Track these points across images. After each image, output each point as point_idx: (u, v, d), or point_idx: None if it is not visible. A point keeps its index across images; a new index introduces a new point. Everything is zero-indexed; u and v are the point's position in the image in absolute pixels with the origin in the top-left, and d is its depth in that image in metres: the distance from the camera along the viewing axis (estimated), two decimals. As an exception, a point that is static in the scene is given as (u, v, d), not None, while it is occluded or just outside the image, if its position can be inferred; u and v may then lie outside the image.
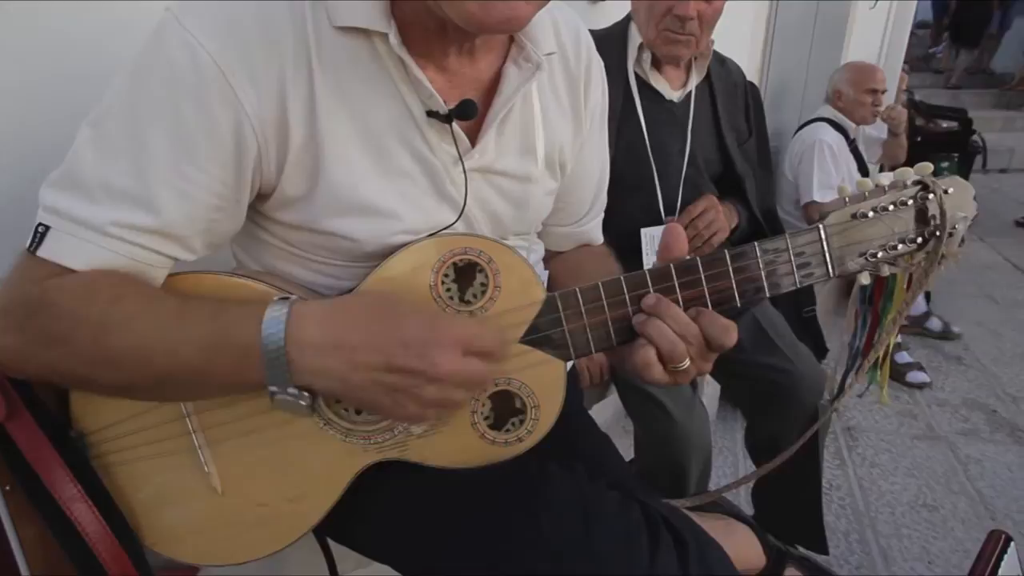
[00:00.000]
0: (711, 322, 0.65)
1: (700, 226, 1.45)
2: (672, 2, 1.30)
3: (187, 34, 0.57)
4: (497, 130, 0.71)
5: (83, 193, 0.59)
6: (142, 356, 0.58)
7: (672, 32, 1.34)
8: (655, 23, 1.34)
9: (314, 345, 0.57)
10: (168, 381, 0.60)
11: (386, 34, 0.61)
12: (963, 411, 2.52)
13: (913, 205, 0.73)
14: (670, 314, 0.65)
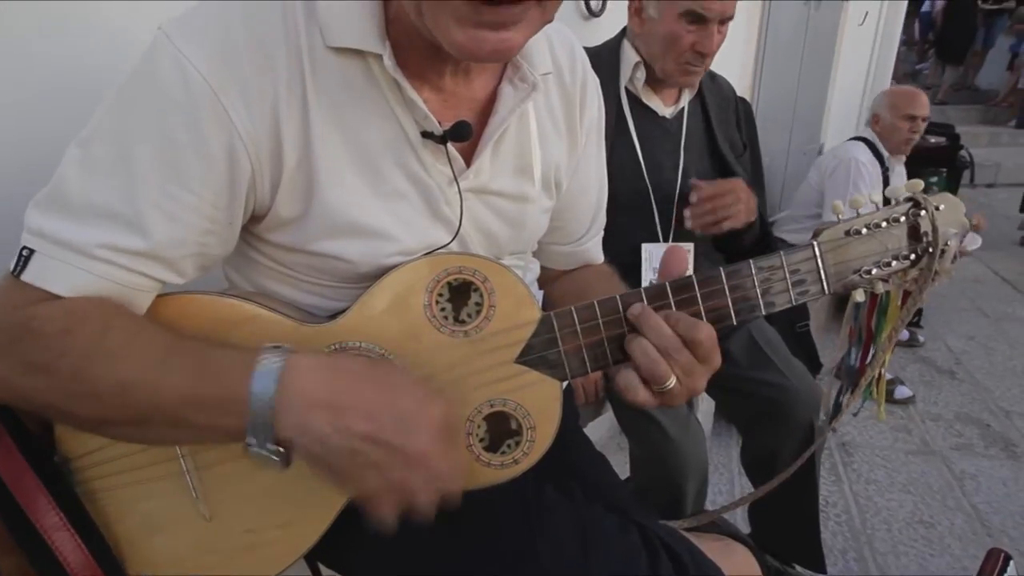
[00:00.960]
0: (679, 320, 0.64)
1: (716, 205, 1.40)
2: (696, 38, 1.32)
3: (179, 53, 0.57)
4: (492, 150, 0.70)
5: (70, 215, 0.57)
6: (124, 393, 0.56)
7: (691, 65, 1.36)
8: (675, 57, 1.35)
9: (304, 400, 0.55)
10: (147, 421, 0.58)
11: (380, 55, 0.61)
12: (957, 426, 2.52)
13: (905, 222, 0.73)
14: (651, 325, 0.64)
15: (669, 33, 1.33)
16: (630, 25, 1.43)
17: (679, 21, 1.31)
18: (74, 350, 0.56)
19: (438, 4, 0.54)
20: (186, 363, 0.57)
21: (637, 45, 1.42)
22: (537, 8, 0.56)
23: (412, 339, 0.67)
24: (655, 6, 1.34)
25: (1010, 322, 3.51)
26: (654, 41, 1.37)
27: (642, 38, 1.40)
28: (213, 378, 0.57)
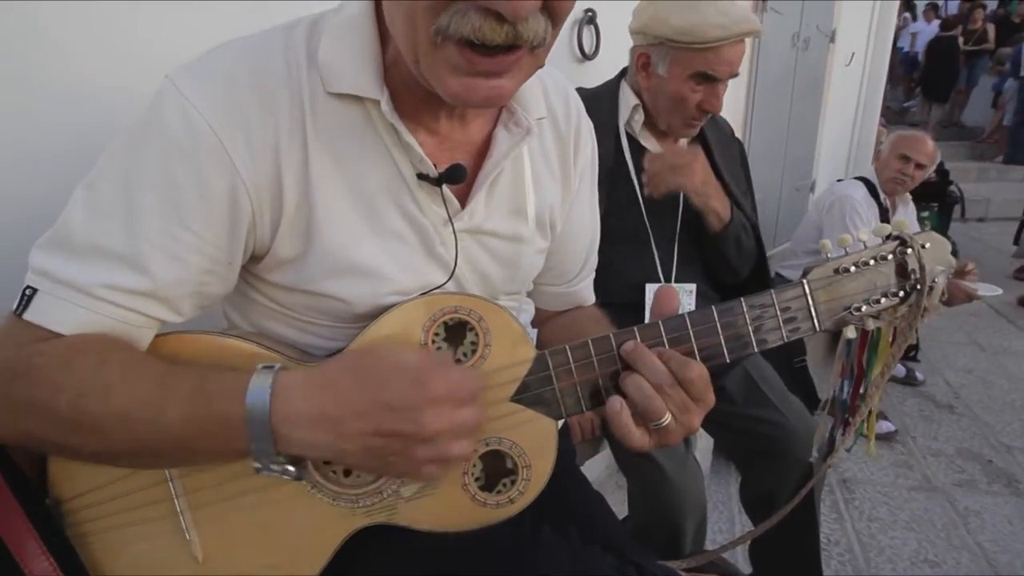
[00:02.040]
0: (671, 357, 0.65)
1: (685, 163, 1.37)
2: (704, 97, 1.36)
3: (184, 100, 0.59)
4: (487, 192, 0.72)
5: (72, 254, 0.59)
6: (125, 422, 0.57)
7: (695, 119, 1.41)
8: (681, 115, 1.39)
9: (300, 418, 0.57)
10: (150, 450, 0.59)
11: (378, 101, 0.63)
12: (958, 461, 2.50)
13: (893, 260, 0.75)
14: (644, 361, 0.65)
15: (677, 93, 1.36)
16: (637, 77, 1.45)
17: (688, 82, 1.34)
18: (71, 385, 0.57)
19: (434, 54, 0.56)
20: (182, 388, 0.58)
21: (641, 95, 1.45)
22: (529, 56, 0.58)
23: (408, 378, 0.67)
24: (664, 65, 1.36)
25: (1007, 356, 3.51)
26: (661, 97, 1.40)
27: (649, 92, 1.43)
28: (209, 400, 0.58)
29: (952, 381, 3.17)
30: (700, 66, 1.33)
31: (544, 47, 0.58)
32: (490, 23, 0.53)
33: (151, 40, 0.92)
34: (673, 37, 1.32)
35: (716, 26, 1.27)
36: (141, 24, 0.92)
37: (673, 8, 1.32)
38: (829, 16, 3.99)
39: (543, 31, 0.56)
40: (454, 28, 0.53)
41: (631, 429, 0.65)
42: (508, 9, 0.52)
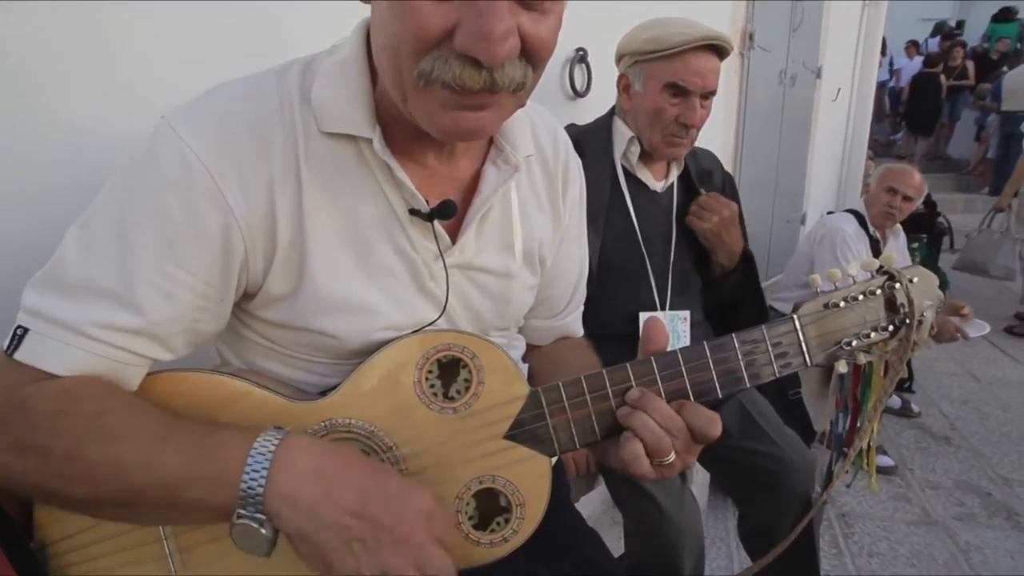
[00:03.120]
0: (695, 414, 0.66)
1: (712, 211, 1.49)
2: (680, 111, 1.39)
3: (180, 141, 0.60)
4: (477, 228, 0.73)
5: (65, 293, 0.59)
6: (118, 473, 0.56)
7: (676, 137, 1.43)
8: (660, 129, 1.42)
9: (297, 471, 0.56)
10: (136, 501, 0.58)
11: (371, 139, 0.64)
12: (957, 494, 2.48)
13: (882, 294, 0.75)
14: (654, 406, 0.65)
15: (654, 106, 1.40)
16: (619, 102, 1.50)
17: (662, 94, 1.38)
18: (69, 431, 0.57)
19: (419, 95, 0.58)
20: (184, 441, 0.58)
21: (626, 120, 1.49)
22: (511, 97, 0.60)
23: (402, 416, 0.67)
24: (640, 82, 1.41)
25: (1001, 386, 3.51)
26: (641, 114, 1.44)
27: (631, 113, 1.47)
28: (210, 455, 0.57)
29: (948, 412, 3.16)
30: (669, 76, 1.36)
31: (525, 89, 0.60)
32: (469, 70, 0.55)
33: (145, 83, 0.94)
34: (642, 49, 1.38)
35: (679, 33, 1.33)
36: (136, 67, 0.93)
37: (642, 27, 1.40)
38: (815, 54, 4.09)
39: (521, 76, 0.58)
40: (437, 74, 0.55)
41: (641, 456, 0.65)
42: (485, 57, 0.53)
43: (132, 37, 0.92)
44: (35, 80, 0.84)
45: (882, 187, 2.68)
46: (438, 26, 0.53)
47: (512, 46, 0.54)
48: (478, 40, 0.52)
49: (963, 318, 2.39)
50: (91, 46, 0.88)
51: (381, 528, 0.56)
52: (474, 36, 0.52)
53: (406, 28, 0.54)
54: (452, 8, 0.53)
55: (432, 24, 0.53)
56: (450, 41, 0.54)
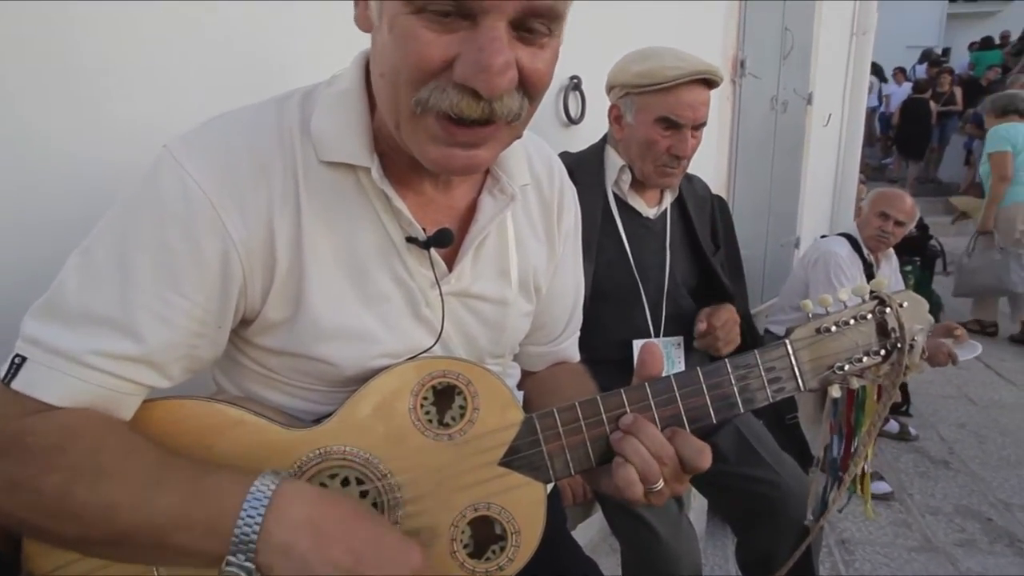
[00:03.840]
0: (685, 443, 0.66)
1: (720, 335, 1.48)
2: (672, 142, 1.40)
3: (181, 169, 0.61)
4: (473, 256, 0.74)
5: (63, 321, 0.59)
6: (111, 512, 0.56)
7: (668, 167, 1.44)
8: (652, 159, 1.43)
9: (292, 521, 0.56)
10: (126, 542, 0.57)
11: (369, 168, 0.65)
12: (957, 520, 2.46)
13: (873, 319, 0.76)
14: (646, 433, 0.66)
15: (646, 138, 1.42)
16: (611, 131, 1.52)
17: (655, 126, 1.40)
18: (64, 468, 0.56)
19: (414, 123, 0.59)
20: (179, 483, 0.57)
21: (618, 149, 1.51)
22: (506, 128, 0.61)
23: (397, 443, 0.67)
24: (632, 113, 1.43)
25: (999, 409, 3.51)
26: (633, 145, 1.46)
27: (623, 143, 1.49)
28: (205, 499, 0.57)
29: (946, 436, 3.15)
30: (662, 110, 1.38)
31: (521, 120, 0.61)
32: (467, 100, 0.56)
33: (142, 113, 0.95)
34: (634, 82, 1.39)
35: (671, 67, 1.34)
36: (133, 98, 0.94)
37: (633, 58, 1.42)
38: (805, 80, 4.17)
39: (518, 107, 0.59)
40: (433, 102, 0.56)
41: (635, 480, 0.65)
42: (484, 88, 0.55)
43: (130, 67, 0.94)
44: (32, 109, 0.85)
45: (874, 211, 2.71)
46: (439, 57, 0.55)
47: (511, 79, 0.56)
48: (478, 72, 0.54)
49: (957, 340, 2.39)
50: (89, 76, 0.89)
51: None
52: (474, 68, 0.54)
53: (407, 57, 0.56)
54: (453, 40, 0.54)
55: (433, 55, 0.55)
56: (449, 72, 0.56)
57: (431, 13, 0.53)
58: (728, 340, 1.48)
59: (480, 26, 0.54)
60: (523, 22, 0.55)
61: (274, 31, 1.12)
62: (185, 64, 1.00)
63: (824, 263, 2.62)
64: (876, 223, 2.69)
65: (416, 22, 0.54)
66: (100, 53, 0.90)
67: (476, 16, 0.53)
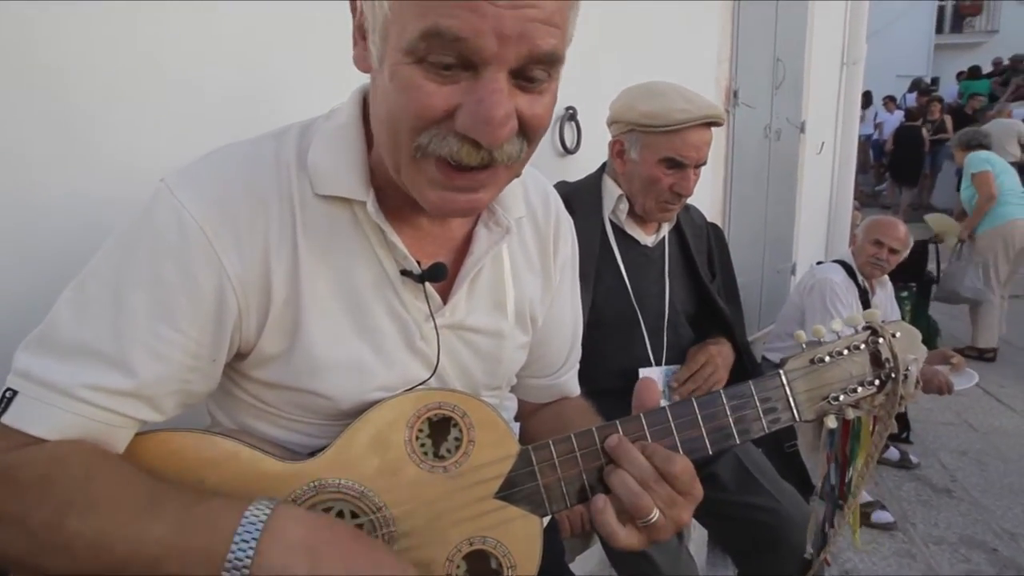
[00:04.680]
0: (654, 451, 0.66)
1: (700, 380, 1.49)
2: (674, 180, 1.42)
3: (177, 203, 0.62)
4: (468, 288, 0.74)
5: (56, 354, 0.60)
6: (102, 543, 0.55)
7: (669, 203, 1.47)
8: (655, 196, 1.45)
9: (287, 543, 0.56)
10: (119, 574, 0.56)
11: (364, 202, 0.66)
12: (962, 550, 2.42)
13: (866, 349, 0.77)
14: (629, 458, 0.65)
15: (649, 176, 1.43)
16: (613, 163, 1.53)
17: (658, 166, 1.42)
18: (54, 499, 0.56)
19: (414, 167, 0.60)
20: (173, 511, 0.57)
21: (617, 180, 1.53)
22: (505, 170, 0.62)
23: (392, 475, 0.67)
24: (636, 151, 1.45)
25: (999, 435, 3.49)
26: (635, 180, 1.47)
27: (624, 176, 1.50)
28: (199, 526, 0.56)
29: (947, 463, 3.12)
30: (667, 151, 1.40)
31: (519, 161, 0.62)
32: (467, 148, 0.57)
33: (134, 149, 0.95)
34: (641, 121, 1.41)
35: (679, 110, 1.36)
36: (125, 134, 0.95)
37: (640, 96, 1.43)
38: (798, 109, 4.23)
39: (518, 151, 0.60)
40: (433, 148, 0.57)
41: (616, 528, 0.65)
42: (486, 140, 0.56)
43: (122, 104, 0.94)
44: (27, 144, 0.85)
45: (868, 239, 2.73)
46: (440, 107, 0.56)
47: (511, 128, 0.57)
48: (480, 124, 0.55)
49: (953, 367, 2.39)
50: (82, 113, 0.90)
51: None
52: (476, 120, 0.55)
53: (408, 106, 0.56)
54: (455, 91, 0.55)
55: (435, 105, 0.55)
56: (450, 120, 0.56)
57: (433, 64, 0.54)
58: (710, 384, 1.50)
59: (482, 77, 0.54)
60: (524, 70, 0.56)
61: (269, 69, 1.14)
62: (176, 100, 1.01)
63: (820, 290, 2.63)
64: (870, 250, 2.71)
65: (418, 72, 0.55)
66: (95, 89, 0.91)
67: (477, 67, 0.54)
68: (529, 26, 0.53)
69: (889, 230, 2.71)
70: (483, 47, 0.52)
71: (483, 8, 0.51)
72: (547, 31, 0.54)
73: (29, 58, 0.84)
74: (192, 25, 1.00)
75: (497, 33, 0.52)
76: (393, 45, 0.56)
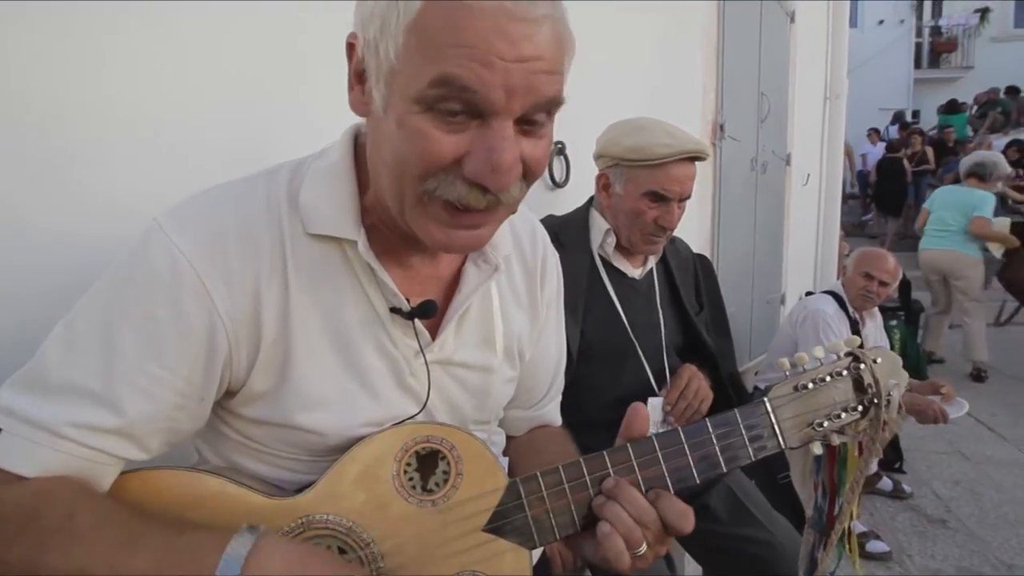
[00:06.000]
0: (669, 506, 0.66)
1: (689, 396, 1.49)
2: (659, 214, 1.45)
3: (169, 241, 0.62)
4: (457, 325, 0.75)
5: (42, 392, 0.60)
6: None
7: (654, 236, 1.49)
8: (639, 229, 1.48)
9: (272, 572, 0.55)
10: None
11: (355, 241, 0.67)
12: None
13: (848, 375, 0.78)
14: (628, 498, 0.66)
15: (634, 209, 1.46)
16: (598, 198, 1.56)
17: (643, 199, 1.45)
18: (36, 534, 0.55)
19: (419, 209, 0.62)
20: (154, 545, 0.57)
21: (604, 214, 1.55)
22: (505, 210, 0.64)
23: (380, 510, 0.67)
24: (621, 184, 1.48)
25: (992, 465, 3.48)
26: (620, 214, 1.50)
27: (610, 210, 1.53)
28: (181, 558, 0.56)
29: (941, 493, 3.11)
30: (651, 185, 1.43)
31: (519, 201, 0.65)
32: (475, 193, 0.59)
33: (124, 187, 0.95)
34: (626, 156, 1.44)
35: (663, 144, 1.39)
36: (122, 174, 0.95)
37: (625, 131, 1.46)
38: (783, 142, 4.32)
39: (519, 192, 0.63)
40: (441, 192, 0.59)
41: (622, 549, 0.65)
42: (494, 186, 0.58)
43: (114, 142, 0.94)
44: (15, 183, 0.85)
45: (858, 272, 2.76)
46: (449, 155, 0.57)
47: (517, 173, 0.59)
48: (489, 172, 0.57)
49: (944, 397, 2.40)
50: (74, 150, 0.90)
51: None
52: (485, 167, 0.57)
53: (417, 153, 0.58)
54: (463, 139, 0.57)
55: (443, 152, 0.57)
56: (458, 166, 0.58)
57: (442, 112, 0.56)
58: (700, 397, 1.50)
59: (490, 127, 0.56)
60: (528, 117, 0.58)
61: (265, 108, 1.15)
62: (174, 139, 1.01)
63: (812, 321, 2.65)
64: (861, 283, 2.75)
65: (426, 121, 0.56)
66: (87, 129, 0.91)
67: (486, 116, 0.56)
68: (534, 78, 0.55)
69: (879, 263, 2.75)
70: (493, 100, 0.55)
71: (493, 62, 0.53)
72: (550, 80, 0.57)
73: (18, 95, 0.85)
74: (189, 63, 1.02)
75: (506, 87, 0.54)
76: (400, 94, 0.57)
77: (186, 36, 1.01)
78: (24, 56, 0.84)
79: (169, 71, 1.00)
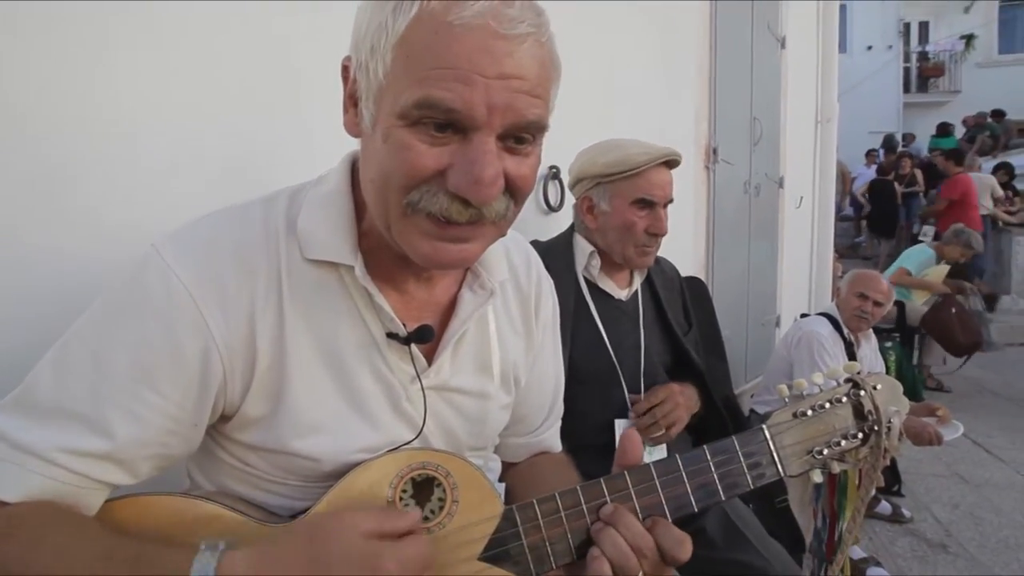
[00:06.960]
0: (665, 533, 0.65)
1: (658, 415, 1.47)
2: (649, 221, 1.47)
3: (166, 266, 0.62)
4: (452, 350, 0.75)
5: (33, 416, 0.59)
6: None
7: (647, 247, 1.51)
8: (632, 241, 1.49)
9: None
10: None
11: (352, 266, 0.67)
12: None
13: (848, 402, 0.78)
14: (624, 523, 0.65)
15: (624, 222, 1.48)
16: (583, 221, 1.57)
17: (631, 209, 1.47)
18: (8, 553, 0.55)
19: (404, 222, 0.62)
20: (125, 560, 0.56)
21: (592, 238, 1.56)
22: (492, 227, 0.64)
23: (374, 538, 0.65)
24: (607, 201, 1.50)
25: (991, 488, 3.46)
26: (610, 232, 1.51)
27: (598, 232, 1.54)
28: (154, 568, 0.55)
29: (940, 517, 3.08)
30: (637, 192, 1.46)
31: (506, 220, 0.65)
32: (457, 206, 0.60)
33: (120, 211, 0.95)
34: (606, 172, 1.47)
35: (640, 153, 1.44)
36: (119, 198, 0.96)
37: (599, 151, 1.51)
38: (776, 165, 4.37)
39: (504, 208, 0.63)
40: (424, 204, 0.60)
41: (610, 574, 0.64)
42: (475, 199, 0.59)
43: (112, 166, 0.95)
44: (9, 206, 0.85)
45: (852, 292, 2.78)
46: (432, 167, 0.59)
47: (499, 187, 0.60)
48: (470, 184, 0.58)
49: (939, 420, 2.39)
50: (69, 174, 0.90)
51: None
52: (467, 180, 0.58)
53: (399, 165, 0.59)
54: (445, 152, 0.58)
55: (426, 164, 0.58)
56: (441, 179, 0.59)
57: (426, 127, 0.58)
58: (670, 421, 1.47)
59: (472, 141, 0.58)
60: (510, 135, 0.59)
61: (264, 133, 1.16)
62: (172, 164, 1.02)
63: (807, 343, 2.66)
64: (855, 304, 2.75)
65: (411, 134, 0.58)
66: (81, 146, 0.91)
67: (468, 131, 0.58)
68: (515, 97, 0.57)
69: (873, 284, 2.76)
70: (475, 117, 0.56)
71: (475, 80, 0.55)
72: (531, 102, 0.58)
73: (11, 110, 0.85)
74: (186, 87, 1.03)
75: (487, 103, 0.56)
76: (387, 110, 0.59)
77: (181, 53, 1.02)
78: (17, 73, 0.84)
79: (164, 87, 1.00)
